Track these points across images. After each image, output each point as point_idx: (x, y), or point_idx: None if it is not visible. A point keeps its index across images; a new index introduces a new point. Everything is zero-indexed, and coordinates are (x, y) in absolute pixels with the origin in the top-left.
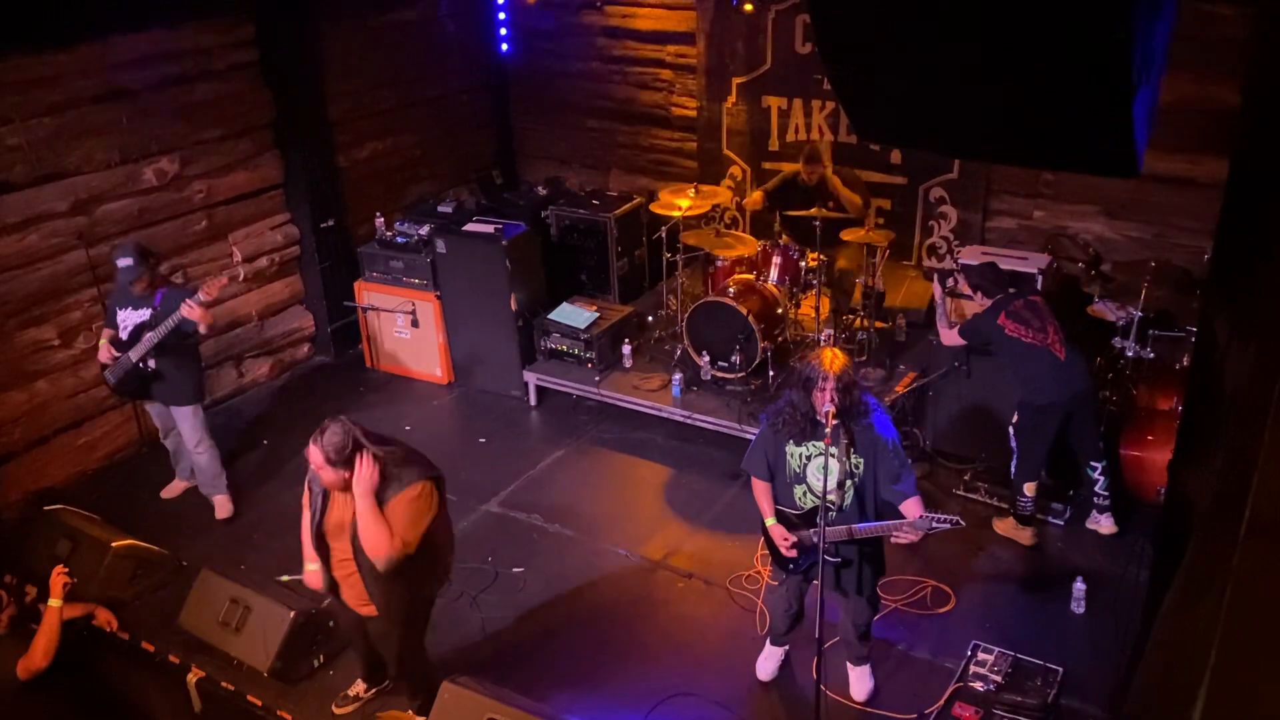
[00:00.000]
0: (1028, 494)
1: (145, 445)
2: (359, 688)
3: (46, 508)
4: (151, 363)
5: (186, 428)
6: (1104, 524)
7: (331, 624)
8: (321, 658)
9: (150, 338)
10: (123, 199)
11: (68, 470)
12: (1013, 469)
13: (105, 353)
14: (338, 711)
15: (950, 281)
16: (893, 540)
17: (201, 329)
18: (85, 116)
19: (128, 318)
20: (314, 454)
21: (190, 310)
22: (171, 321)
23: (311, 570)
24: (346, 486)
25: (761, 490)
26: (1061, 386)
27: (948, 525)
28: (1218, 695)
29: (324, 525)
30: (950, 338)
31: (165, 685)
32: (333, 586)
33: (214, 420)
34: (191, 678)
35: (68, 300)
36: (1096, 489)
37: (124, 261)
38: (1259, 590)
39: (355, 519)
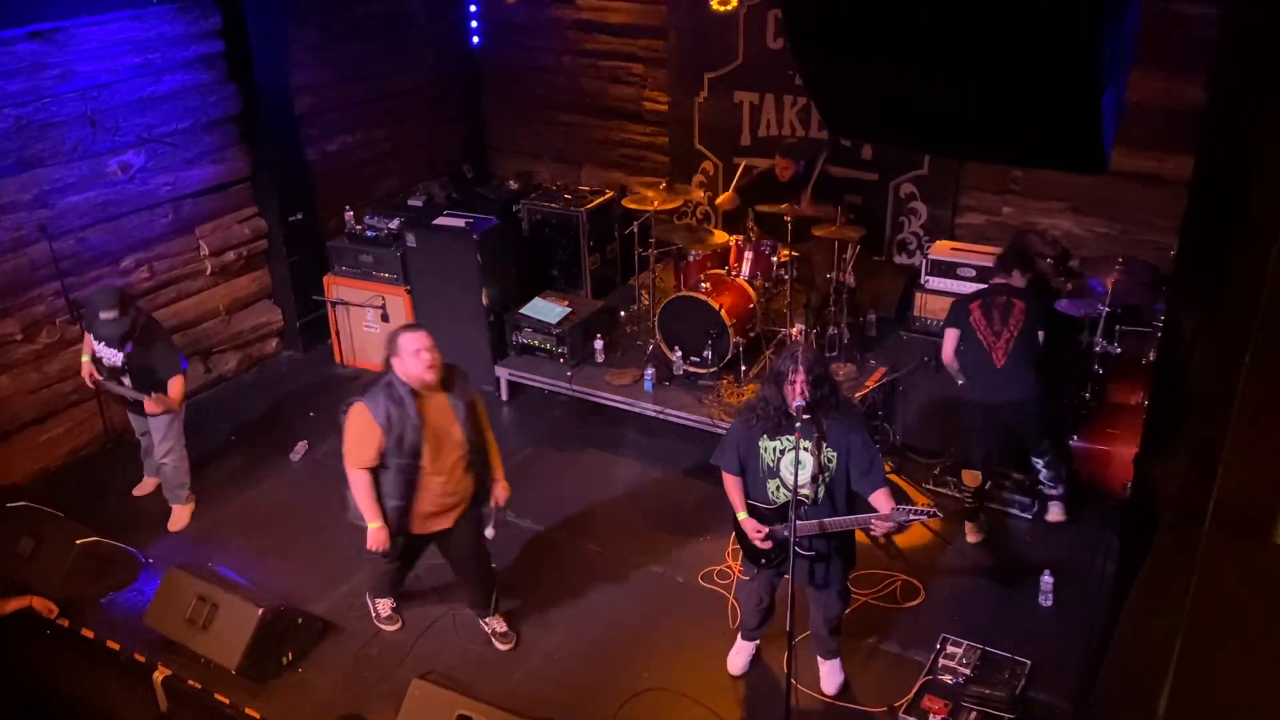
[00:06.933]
0: (964, 483)
1: (111, 442)
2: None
3: (9, 504)
4: (127, 380)
5: (158, 434)
6: (1053, 511)
7: (300, 621)
8: (290, 655)
9: (128, 385)
10: (87, 191)
11: (31, 466)
12: None
13: (87, 371)
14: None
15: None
16: (872, 532)
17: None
18: (48, 107)
19: (103, 351)
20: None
21: (151, 406)
22: (130, 390)
23: (375, 529)
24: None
25: (732, 484)
26: (991, 391)
27: (924, 517)
28: (1182, 687)
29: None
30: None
31: (131, 684)
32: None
33: None
34: (158, 676)
35: (31, 294)
36: (1041, 478)
37: (107, 314)
38: (1223, 583)
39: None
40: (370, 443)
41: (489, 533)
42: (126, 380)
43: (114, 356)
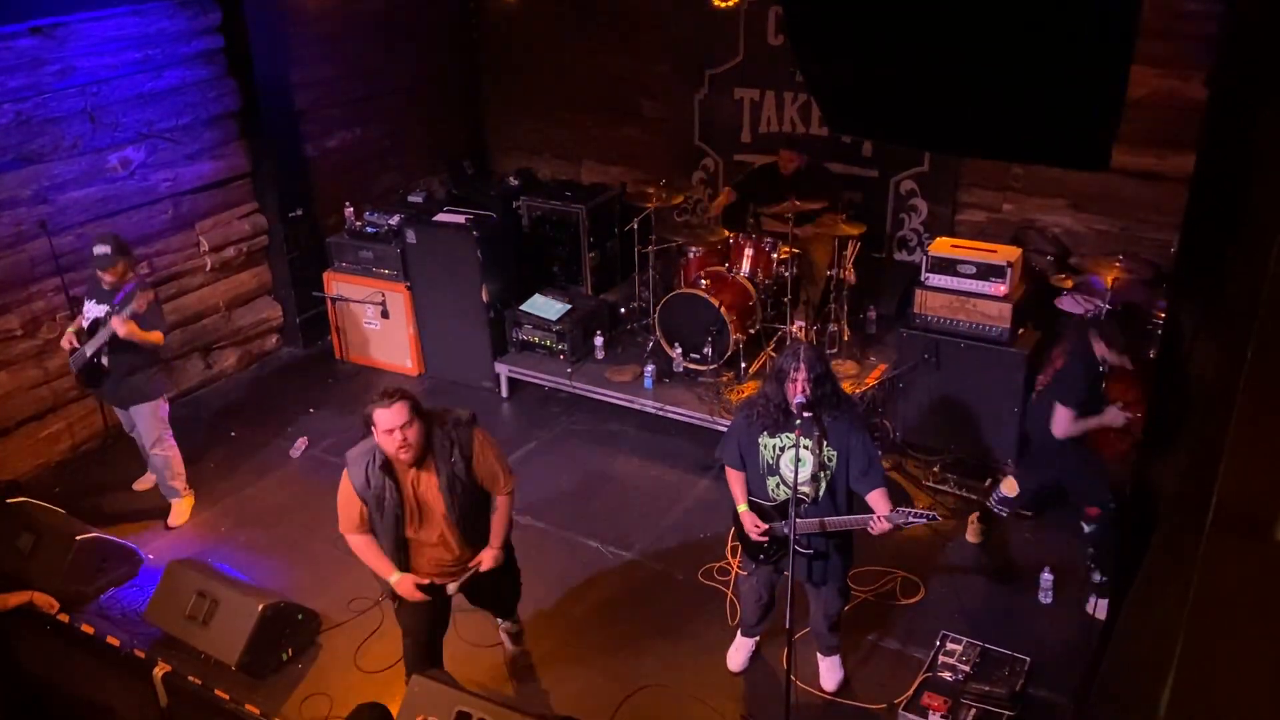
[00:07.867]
0: (1002, 490)
1: (111, 437)
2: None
3: (9, 500)
4: (105, 359)
5: (143, 426)
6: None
7: (300, 617)
8: (290, 651)
9: (101, 335)
10: (87, 187)
11: (31, 462)
12: None
13: (66, 340)
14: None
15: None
16: (871, 530)
17: (120, 334)
18: (48, 102)
19: (91, 310)
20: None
21: (117, 324)
22: (105, 333)
23: (397, 580)
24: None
25: (734, 477)
26: (1026, 416)
27: (922, 521)
28: (1184, 685)
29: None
30: None
31: (131, 680)
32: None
33: (180, 412)
34: (158, 672)
35: (31, 289)
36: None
37: (101, 249)
38: (1223, 582)
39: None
40: (352, 509)
41: (450, 588)
42: (101, 331)
43: (99, 311)
